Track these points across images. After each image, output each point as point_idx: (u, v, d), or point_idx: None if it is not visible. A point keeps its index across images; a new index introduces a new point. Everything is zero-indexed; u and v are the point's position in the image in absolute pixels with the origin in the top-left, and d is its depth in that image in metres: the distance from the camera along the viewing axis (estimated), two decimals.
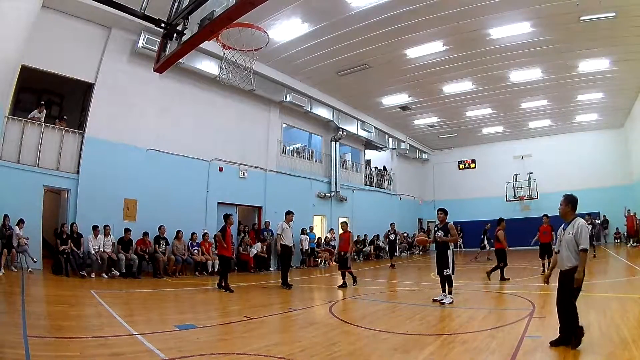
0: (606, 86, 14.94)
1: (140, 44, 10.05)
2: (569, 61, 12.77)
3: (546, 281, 4.58)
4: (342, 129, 17.16)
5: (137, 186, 10.44)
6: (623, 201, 18.59)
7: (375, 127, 19.23)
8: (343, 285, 9.07)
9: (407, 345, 4.27)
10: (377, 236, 18.32)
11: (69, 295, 6.82)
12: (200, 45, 3.83)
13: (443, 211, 7.21)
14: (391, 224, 15.65)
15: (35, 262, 8.38)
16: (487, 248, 15.39)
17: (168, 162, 11.21)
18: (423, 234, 15.53)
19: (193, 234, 11.06)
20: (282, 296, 8.10)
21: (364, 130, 18.54)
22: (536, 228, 10.78)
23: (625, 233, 18.44)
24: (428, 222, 24.14)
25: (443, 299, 6.68)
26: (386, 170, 21.84)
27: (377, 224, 18.38)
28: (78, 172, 9.56)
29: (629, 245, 17.19)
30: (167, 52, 4.02)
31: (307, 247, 14.49)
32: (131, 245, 9.76)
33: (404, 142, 21.93)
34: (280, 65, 12.94)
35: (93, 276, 8.83)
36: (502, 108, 17.75)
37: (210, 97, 12.49)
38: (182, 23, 3.71)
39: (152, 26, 3.92)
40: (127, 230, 9.78)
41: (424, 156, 25.03)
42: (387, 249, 16.33)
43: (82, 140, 9.72)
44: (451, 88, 15.14)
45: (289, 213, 9.54)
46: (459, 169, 24.53)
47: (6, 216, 7.98)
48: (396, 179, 22.30)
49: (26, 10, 6.98)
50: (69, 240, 8.84)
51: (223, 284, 8.22)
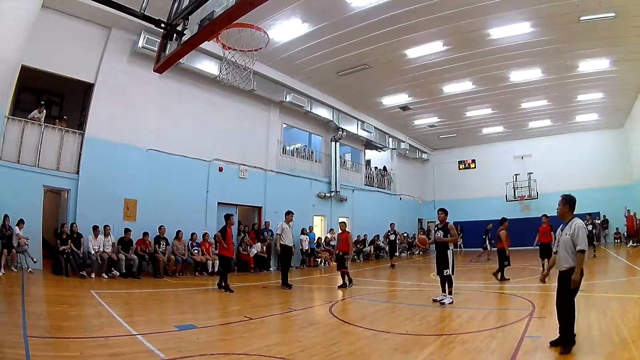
0: (606, 86, 14.93)
1: (140, 44, 10.06)
2: (569, 61, 12.77)
3: (543, 280, 4.63)
4: (342, 129, 17.15)
5: (137, 186, 10.44)
6: (623, 201, 18.57)
7: (375, 127, 19.21)
8: (343, 285, 9.06)
9: (407, 345, 4.28)
10: (377, 236, 18.31)
11: (69, 295, 6.82)
12: (200, 45, 3.83)
13: (443, 211, 7.21)
14: (391, 224, 15.63)
15: (35, 262, 8.38)
16: (489, 248, 15.38)
17: (168, 162, 11.21)
18: (424, 235, 15.52)
19: (193, 234, 11.07)
20: (282, 296, 8.10)
21: (364, 130, 18.53)
22: (536, 228, 10.77)
23: (625, 233, 18.43)
24: (428, 222, 24.15)
25: (443, 299, 6.68)
26: (386, 170, 21.82)
27: (377, 224, 18.36)
28: (78, 172, 9.57)
29: (629, 245, 17.17)
30: (167, 52, 4.01)
31: (307, 247, 14.48)
32: (131, 245, 9.76)
33: (404, 142, 21.92)
34: (280, 65, 12.94)
35: (93, 276, 8.84)
36: (502, 108, 17.74)
37: (210, 97, 12.49)
38: (182, 23, 3.71)
39: (152, 26, 3.93)
40: (127, 230, 9.78)
41: (424, 156, 25.02)
42: (387, 249, 16.30)
43: (82, 140, 9.72)
44: (451, 88, 15.13)
45: (289, 213, 9.54)
46: (459, 169, 24.48)
47: (6, 216, 7.98)
48: (396, 179, 22.29)
49: (26, 10, 7.00)
50: (69, 240, 8.85)
51: (223, 284, 8.22)
